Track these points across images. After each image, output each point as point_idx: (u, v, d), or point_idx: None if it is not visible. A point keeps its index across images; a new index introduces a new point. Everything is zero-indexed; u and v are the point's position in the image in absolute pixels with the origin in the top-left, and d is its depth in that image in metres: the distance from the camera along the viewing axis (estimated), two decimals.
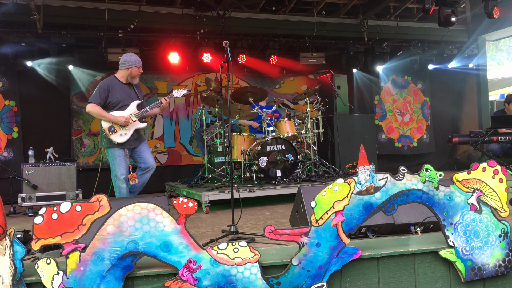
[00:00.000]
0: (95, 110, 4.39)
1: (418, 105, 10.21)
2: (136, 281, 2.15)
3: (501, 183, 2.50)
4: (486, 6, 6.71)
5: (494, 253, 2.47)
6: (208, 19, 7.71)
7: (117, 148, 4.47)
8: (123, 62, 4.54)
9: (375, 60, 9.27)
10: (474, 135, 5.74)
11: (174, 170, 8.40)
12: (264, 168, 5.85)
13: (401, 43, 9.48)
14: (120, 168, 4.46)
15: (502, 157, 6.34)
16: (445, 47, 9.42)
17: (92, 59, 7.90)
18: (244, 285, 2.16)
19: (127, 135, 4.47)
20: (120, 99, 4.48)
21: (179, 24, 7.60)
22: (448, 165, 9.98)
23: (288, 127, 6.32)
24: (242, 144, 6.18)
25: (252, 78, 9.07)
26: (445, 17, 6.53)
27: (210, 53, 7.81)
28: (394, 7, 8.87)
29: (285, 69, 9.20)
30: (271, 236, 2.24)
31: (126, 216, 2.10)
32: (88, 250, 2.07)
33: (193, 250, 2.14)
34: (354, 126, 7.60)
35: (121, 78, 4.57)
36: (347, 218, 2.32)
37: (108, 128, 4.40)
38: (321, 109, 6.80)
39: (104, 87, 4.43)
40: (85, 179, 7.30)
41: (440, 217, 2.43)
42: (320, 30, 8.44)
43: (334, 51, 9.48)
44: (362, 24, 8.64)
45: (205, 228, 4.31)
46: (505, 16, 8.05)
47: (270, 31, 8.37)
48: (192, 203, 2.18)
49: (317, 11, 8.41)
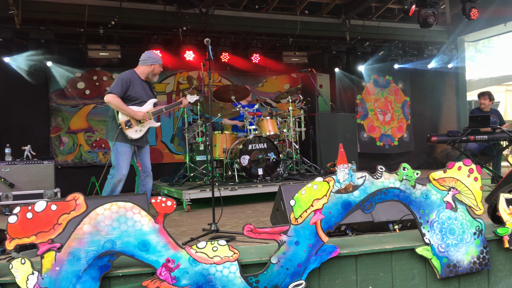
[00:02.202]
0: (115, 101, 4.21)
1: (399, 105, 10.34)
2: (113, 281, 2.12)
3: (476, 181, 2.54)
4: (464, 8, 6.82)
5: (469, 250, 2.52)
6: (190, 17, 7.66)
7: (127, 144, 4.32)
8: (147, 59, 4.49)
9: (357, 60, 9.36)
10: (452, 134, 5.86)
11: (155, 169, 8.19)
12: (246, 166, 5.86)
13: (382, 43, 9.59)
14: (123, 165, 4.29)
15: (479, 156, 6.46)
16: (425, 48, 9.56)
17: (71, 56, 7.79)
18: (223, 284, 2.16)
19: (142, 132, 4.37)
20: (140, 94, 4.40)
21: (161, 21, 7.53)
22: (427, 163, 10.14)
23: (270, 125, 6.33)
24: (224, 142, 6.18)
25: (234, 76, 9.06)
26: (425, 18, 6.62)
27: (192, 50, 7.78)
28: (376, 7, 8.95)
29: (268, 68, 9.20)
30: (250, 234, 2.24)
31: (103, 215, 2.07)
32: (63, 249, 2.03)
33: (172, 249, 2.13)
34: (336, 125, 7.65)
35: (141, 74, 4.49)
36: (326, 217, 2.33)
37: (125, 122, 4.25)
38: (303, 108, 6.83)
39: (126, 79, 4.31)
40: (64, 177, 7.20)
41: (417, 215, 2.47)
42: (303, 29, 8.47)
43: (317, 50, 9.53)
44: (344, 24, 8.70)
45: (185, 227, 4.30)
46: (484, 18, 8.20)
47: (253, 30, 8.36)
48: (170, 202, 2.17)
49: (300, 10, 8.43)
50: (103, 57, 7.43)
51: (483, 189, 2.58)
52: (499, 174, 6.20)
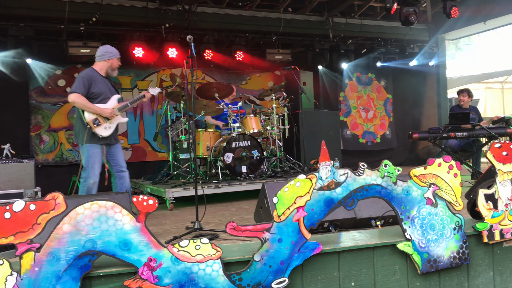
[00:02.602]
0: (80, 100, 4.12)
1: (381, 102, 10.45)
2: (94, 281, 2.10)
3: (456, 177, 2.58)
4: (445, 6, 6.92)
5: (449, 245, 2.55)
6: (173, 14, 7.60)
7: (96, 144, 4.24)
8: (104, 54, 4.39)
9: (340, 57, 9.42)
10: (433, 131, 5.94)
11: (138, 167, 8.26)
12: (229, 164, 5.85)
13: (365, 41, 9.67)
14: (95, 167, 4.22)
15: (459, 153, 6.57)
16: (407, 46, 9.67)
17: (52, 53, 7.65)
18: (205, 282, 2.15)
19: (111, 129, 4.29)
20: (103, 91, 4.30)
21: (144, 18, 7.46)
22: (409, 160, 10.26)
23: (254, 123, 6.33)
24: (208, 140, 6.15)
25: (218, 74, 9.03)
26: (406, 16, 6.69)
27: (175, 48, 7.72)
28: (359, 5, 9.02)
29: (251, 65, 9.19)
30: (233, 232, 2.23)
31: (83, 214, 2.04)
32: (43, 250, 2.00)
33: (154, 248, 2.11)
34: (319, 122, 7.69)
35: (100, 70, 4.39)
36: (308, 214, 2.34)
37: (93, 120, 4.16)
38: (286, 106, 6.85)
39: (87, 77, 4.22)
40: (44, 176, 7.09)
41: (398, 211, 2.49)
42: (286, 26, 8.48)
43: (300, 48, 9.56)
44: (327, 22, 8.74)
45: (169, 225, 4.27)
46: (464, 16, 8.33)
47: (236, 27, 8.34)
48: (152, 200, 2.15)
49: (283, 8, 8.44)
50: (84, 54, 7.32)
51: (462, 185, 2.61)
52: (479, 170, 6.32)
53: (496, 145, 2.73)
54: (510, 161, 2.73)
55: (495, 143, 2.74)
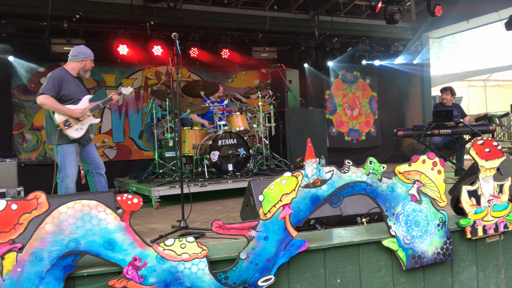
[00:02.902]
0: (49, 101, 4.06)
1: (366, 100, 10.52)
2: (78, 281, 2.07)
3: (440, 174, 2.61)
4: (428, 5, 6.99)
5: (433, 241, 2.58)
6: (158, 11, 7.52)
7: (70, 144, 4.17)
8: (77, 54, 4.32)
9: (325, 56, 9.45)
10: (417, 128, 6.00)
11: (124, 166, 8.19)
12: (216, 162, 5.83)
13: (350, 39, 9.71)
14: (71, 166, 4.16)
15: (443, 150, 6.65)
16: (392, 44, 9.75)
17: (34, 50, 7.52)
18: (191, 281, 2.14)
19: (83, 130, 4.22)
20: (73, 92, 4.22)
21: (128, 15, 7.37)
22: (394, 157, 10.36)
23: (240, 121, 6.32)
24: (194, 138, 6.12)
25: (204, 71, 8.99)
26: (391, 14, 6.75)
27: (160, 45, 7.65)
28: (344, 3, 9.05)
29: (237, 63, 9.16)
30: (219, 230, 2.23)
31: (67, 214, 2.01)
32: (25, 250, 1.97)
33: (139, 247, 2.09)
34: (305, 120, 7.71)
35: (72, 71, 4.32)
36: (294, 211, 2.34)
37: (63, 122, 4.09)
38: (273, 103, 6.85)
39: (58, 78, 4.14)
40: (28, 175, 6.98)
41: (383, 208, 2.51)
42: (272, 24, 8.47)
43: (286, 46, 9.56)
44: (313, 20, 8.75)
45: (155, 224, 4.24)
46: (448, 15, 8.43)
47: (222, 25, 8.30)
48: (137, 199, 2.12)
49: (269, 6, 8.43)
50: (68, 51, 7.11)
51: (446, 182, 2.64)
52: (462, 167, 6.41)
53: (479, 142, 2.77)
54: (492, 157, 2.77)
55: (478, 140, 2.77)
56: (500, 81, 14.86)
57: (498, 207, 2.77)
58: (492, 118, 6.34)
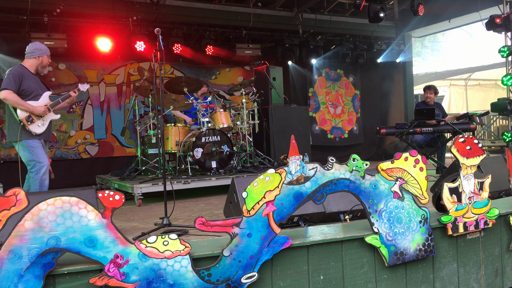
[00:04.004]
0: (12, 97, 4.07)
1: (349, 98, 10.59)
2: (58, 279, 2.03)
3: (422, 171, 2.64)
4: (412, 4, 7.07)
5: (415, 238, 2.61)
6: (141, 6, 7.44)
7: (34, 139, 4.21)
8: (33, 51, 4.35)
9: (309, 53, 9.47)
10: (400, 126, 6.07)
11: (106, 162, 8.07)
12: (199, 159, 5.79)
13: (334, 37, 9.76)
14: (43, 156, 4.20)
15: (425, 148, 6.74)
16: (375, 42, 9.84)
17: (14, 45, 7.34)
18: (174, 278, 2.12)
19: (45, 126, 4.28)
20: (34, 88, 4.26)
21: (110, 10, 7.27)
22: (377, 155, 10.46)
23: (224, 118, 6.29)
24: (177, 135, 6.08)
25: (187, 68, 8.92)
26: (374, 12, 6.80)
27: (143, 41, 7.56)
28: (328, 1, 9.09)
29: (221, 60, 9.12)
30: (202, 227, 2.21)
31: (46, 211, 1.97)
32: (4, 247, 1.92)
33: (120, 245, 2.06)
34: (289, 118, 7.71)
35: (30, 67, 4.34)
36: (278, 208, 2.34)
37: (26, 118, 4.14)
38: (256, 101, 6.84)
39: (18, 73, 4.16)
40: (7, 172, 6.83)
41: (366, 204, 2.53)
42: (256, 21, 8.46)
43: (270, 43, 9.55)
44: (297, 17, 8.77)
45: (137, 221, 4.20)
46: (430, 14, 8.53)
47: (206, 21, 8.25)
48: (119, 196, 2.09)
49: (253, 2, 8.41)
50: (48, 46, 6.95)
51: (428, 179, 2.67)
52: (443, 165, 6.51)
53: (460, 140, 2.80)
54: (473, 155, 2.81)
55: (460, 138, 2.81)
56: (481, 80, 15.12)
57: (478, 204, 2.81)
58: (472, 116, 6.45)
